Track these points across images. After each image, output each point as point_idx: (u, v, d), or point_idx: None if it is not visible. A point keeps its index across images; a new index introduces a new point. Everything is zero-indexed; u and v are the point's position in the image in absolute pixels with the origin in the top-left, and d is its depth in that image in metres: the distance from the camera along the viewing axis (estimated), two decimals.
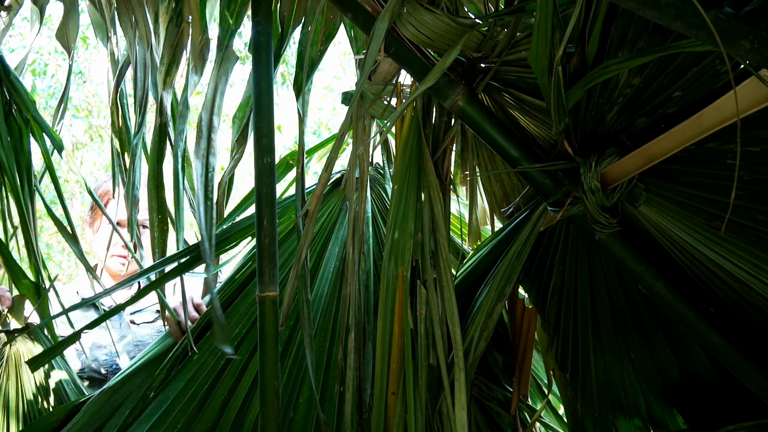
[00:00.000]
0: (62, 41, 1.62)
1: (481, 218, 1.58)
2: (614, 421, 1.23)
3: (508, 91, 1.13)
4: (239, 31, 1.39)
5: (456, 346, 1.04)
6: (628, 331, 1.20)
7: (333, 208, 1.46)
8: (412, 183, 1.14)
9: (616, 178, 0.95)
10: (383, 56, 1.15)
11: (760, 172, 0.83)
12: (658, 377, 1.20)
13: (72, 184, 6.87)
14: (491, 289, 1.13)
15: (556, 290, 1.27)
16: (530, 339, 1.34)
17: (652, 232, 1.05)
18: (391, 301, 1.10)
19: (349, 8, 1.10)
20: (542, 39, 0.84)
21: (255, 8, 1.20)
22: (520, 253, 1.14)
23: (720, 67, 0.77)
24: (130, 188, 1.36)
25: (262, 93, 1.18)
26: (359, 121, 1.25)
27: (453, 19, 0.99)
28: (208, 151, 1.16)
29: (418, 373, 1.06)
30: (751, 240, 0.87)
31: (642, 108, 0.89)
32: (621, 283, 1.18)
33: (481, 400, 1.32)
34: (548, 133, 1.16)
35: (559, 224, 1.21)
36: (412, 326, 1.08)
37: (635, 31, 0.82)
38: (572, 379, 1.27)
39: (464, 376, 1.03)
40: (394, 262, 1.11)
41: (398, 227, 1.13)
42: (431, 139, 1.18)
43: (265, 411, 1.06)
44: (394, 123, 1.15)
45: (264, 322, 1.11)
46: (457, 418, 1.00)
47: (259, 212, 1.16)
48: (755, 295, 0.97)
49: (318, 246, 1.41)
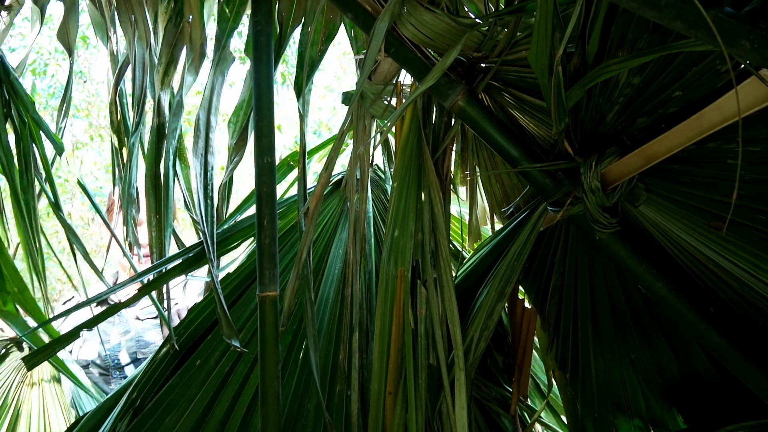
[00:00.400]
0: (63, 41, 1.62)
1: (481, 218, 1.58)
2: (614, 421, 1.23)
3: (509, 91, 1.13)
4: (239, 30, 1.39)
5: (456, 346, 1.04)
6: (628, 331, 1.20)
7: (335, 209, 1.46)
8: (412, 182, 1.14)
9: (617, 178, 0.95)
10: (383, 56, 1.15)
11: (761, 172, 0.83)
12: (658, 377, 1.20)
13: (72, 184, 6.86)
14: (491, 289, 1.13)
15: (556, 290, 1.27)
16: (530, 339, 1.34)
17: (652, 232, 1.05)
18: (390, 301, 1.10)
19: (349, 8, 1.10)
20: (542, 39, 0.84)
21: (255, 8, 1.20)
22: (521, 253, 1.14)
23: (720, 67, 0.77)
24: (126, 186, 1.36)
25: (262, 93, 1.18)
26: (359, 121, 1.25)
27: (453, 19, 0.99)
28: (206, 150, 1.16)
29: (418, 373, 1.06)
30: (751, 240, 0.87)
31: (642, 108, 0.89)
32: (621, 283, 1.18)
33: (481, 400, 1.32)
34: (548, 132, 1.16)
35: (559, 224, 1.21)
36: (413, 326, 1.08)
37: (635, 30, 0.82)
38: (572, 379, 1.27)
39: (464, 376, 1.03)
40: (394, 261, 1.11)
41: (398, 227, 1.13)
42: (431, 138, 1.18)
43: (266, 411, 1.06)
44: (395, 123, 1.15)
45: (264, 323, 1.11)
46: (457, 418, 1.00)
47: (260, 212, 1.16)
48: (755, 294, 0.96)
49: (320, 247, 1.41)
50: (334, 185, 1.49)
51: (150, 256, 1.39)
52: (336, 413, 1.25)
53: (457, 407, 1.01)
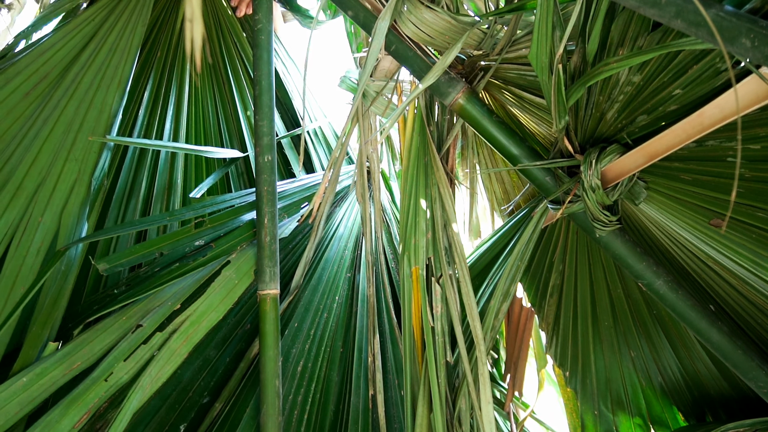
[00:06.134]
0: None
1: (482, 216, 1.58)
2: (614, 418, 1.23)
3: (509, 89, 1.13)
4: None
5: (477, 341, 1.03)
6: (628, 329, 1.20)
7: (350, 207, 1.47)
8: (420, 180, 1.14)
9: (617, 176, 0.95)
10: (384, 54, 1.15)
11: (761, 170, 0.83)
12: (658, 375, 1.20)
13: None
14: (497, 289, 1.13)
15: (556, 289, 1.27)
16: (526, 337, 1.34)
17: (652, 230, 1.05)
18: (407, 301, 1.10)
19: (349, 6, 1.10)
20: (543, 37, 0.84)
21: (255, 7, 1.20)
22: (524, 252, 1.14)
23: (720, 65, 0.77)
24: None
25: (263, 91, 1.18)
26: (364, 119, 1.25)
27: (453, 17, 0.99)
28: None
29: (437, 371, 1.05)
30: (751, 237, 0.87)
31: (642, 106, 0.89)
32: (621, 281, 1.18)
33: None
34: (548, 130, 1.16)
35: (559, 223, 1.22)
36: (432, 324, 1.08)
37: (635, 29, 0.82)
38: (571, 376, 1.27)
39: (487, 371, 1.03)
40: (408, 260, 1.11)
41: (409, 225, 1.13)
42: (435, 136, 1.18)
43: (266, 411, 1.07)
44: (395, 120, 1.15)
45: (264, 321, 1.11)
46: (483, 414, 0.99)
47: (260, 211, 1.16)
48: (755, 292, 0.97)
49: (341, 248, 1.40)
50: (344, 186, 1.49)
51: None
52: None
53: (483, 402, 1.00)
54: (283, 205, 1.37)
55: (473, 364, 1.03)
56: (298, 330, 1.24)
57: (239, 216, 1.30)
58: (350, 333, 1.29)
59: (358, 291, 1.36)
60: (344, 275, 1.37)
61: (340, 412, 1.19)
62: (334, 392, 1.20)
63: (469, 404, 1.04)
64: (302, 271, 1.30)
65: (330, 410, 1.17)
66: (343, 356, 1.26)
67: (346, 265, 1.39)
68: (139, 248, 1.19)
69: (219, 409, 1.15)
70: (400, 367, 1.26)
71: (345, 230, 1.47)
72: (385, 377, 1.24)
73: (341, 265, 1.39)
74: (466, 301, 1.06)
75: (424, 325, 1.07)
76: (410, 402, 1.07)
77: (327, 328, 1.28)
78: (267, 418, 1.06)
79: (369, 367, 1.24)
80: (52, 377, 1.00)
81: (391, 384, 1.24)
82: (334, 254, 1.40)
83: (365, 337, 1.27)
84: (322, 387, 1.20)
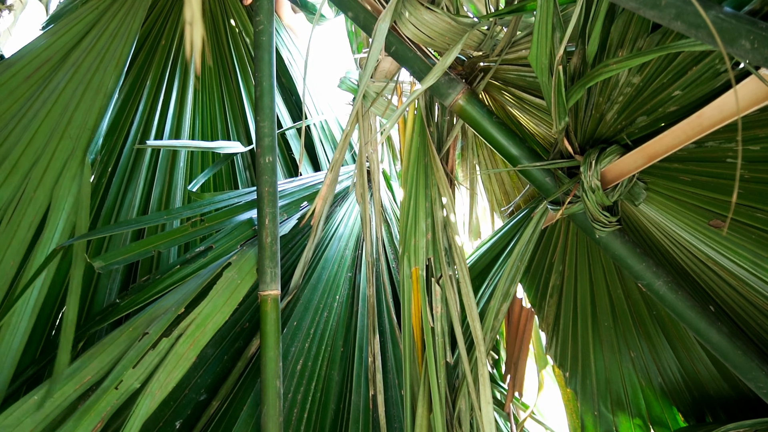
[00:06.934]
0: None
1: (482, 217, 1.58)
2: (614, 419, 1.24)
3: (509, 90, 1.13)
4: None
5: (477, 342, 1.03)
6: (628, 330, 1.20)
7: (350, 207, 1.47)
8: (420, 181, 1.14)
9: (616, 177, 0.95)
10: (384, 55, 1.15)
11: (760, 171, 0.83)
12: (658, 375, 1.21)
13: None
14: (497, 290, 1.13)
15: (555, 289, 1.27)
16: (526, 338, 1.34)
17: (651, 231, 1.05)
18: (407, 301, 1.10)
19: (349, 7, 1.10)
20: (543, 38, 0.84)
21: (256, 8, 1.20)
22: (524, 253, 1.14)
23: (720, 67, 0.77)
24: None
25: (264, 93, 1.18)
26: (364, 120, 1.25)
27: (453, 18, 0.99)
28: None
29: (437, 371, 1.05)
30: (751, 238, 0.87)
31: (642, 107, 0.89)
32: (621, 281, 1.18)
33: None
34: (548, 131, 1.16)
35: (558, 224, 1.22)
36: (432, 324, 1.08)
37: (635, 30, 0.82)
38: (571, 377, 1.27)
39: (487, 372, 1.03)
40: (408, 261, 1.11)
41: (409, 225, 1.13)
42: (436, 137, 1.18)
43: (267, 411, 1.07)
44: (396, 121, 1.15)
45: (265, 321, 1.11)
46: (483, 414, 0.99)
47: (261, 211, 1.17)
48: (755, 293, 0.97)
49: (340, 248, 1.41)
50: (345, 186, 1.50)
51: None
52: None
53: (482, 403, 1.00)
54: (283, 204, 1.37)
55: (473, 364, 1.03)
56: (297, 329, 1.24)
57: (239, 215, 1.30)
58: (351, 332, 1.29)
59: (359, 290, 1.36)
60: (345, 275, 1.37)
61: (341, 411, 1.19)
62: (335, 391, 1.20)
63: (469, 405, 1.04)
64: (301, 270, 1.31)
65: (331, 409, 1.17)
66: (344, 355, 1.26)
67: (346, 265, 1.39)
68: (135, 246, 1.19)
69: (216, 406, 1.15)
70: (401, 367, 1.26)
71: (345, 230, 1.47)
72: (386, 377, 1.24)
73: (342, 264, 1.39)
74: (466, 301, 1.06)
75: (424, 325, 1.07)
76: (410, 402, 1.07)
77: (327, 327, 1.28)
78: (267, 419, 1.06)
79: (369, 367, 1.24)
80: (63, 392, 1.00)
81: (392, 384, 1.24)
82: (335, 254, 1.40)
83: (366, 337, 1.27)
84: (322, 386, 1.20)
